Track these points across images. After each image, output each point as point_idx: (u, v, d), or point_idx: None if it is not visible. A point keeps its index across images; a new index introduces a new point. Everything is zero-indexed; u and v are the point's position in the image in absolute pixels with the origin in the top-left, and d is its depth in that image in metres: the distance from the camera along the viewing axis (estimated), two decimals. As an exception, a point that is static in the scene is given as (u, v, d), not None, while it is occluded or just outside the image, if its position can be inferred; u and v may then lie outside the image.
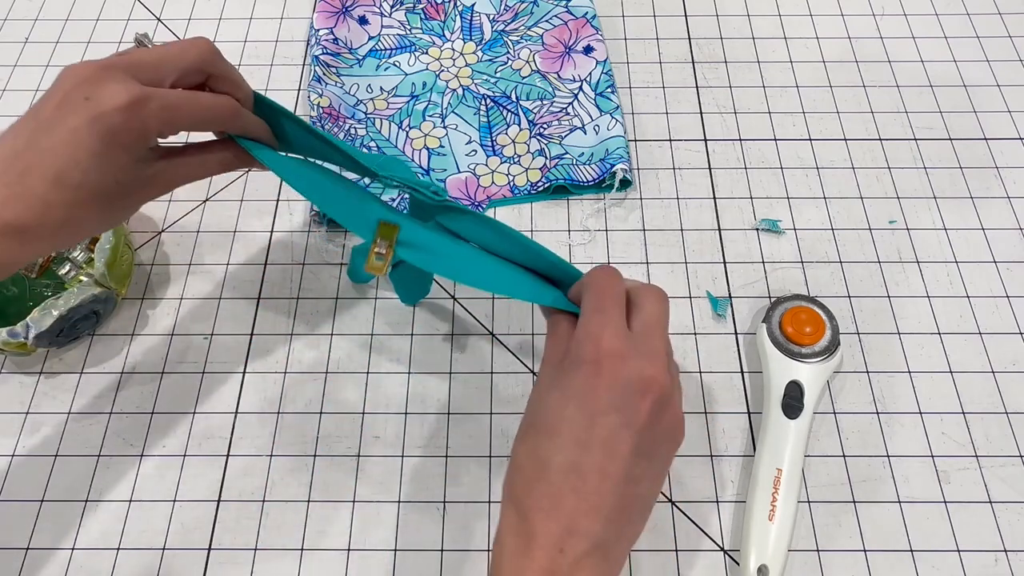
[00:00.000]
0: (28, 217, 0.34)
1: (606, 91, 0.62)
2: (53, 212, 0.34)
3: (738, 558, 0.45)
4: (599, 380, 0.31)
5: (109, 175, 0.35)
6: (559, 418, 0.31)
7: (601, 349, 0.32)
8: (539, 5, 0.68)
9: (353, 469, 0.49)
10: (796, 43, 0.67)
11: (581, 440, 0.30)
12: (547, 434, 0.32)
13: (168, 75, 0.37)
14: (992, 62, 0.66)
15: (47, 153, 0.34)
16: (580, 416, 0.31)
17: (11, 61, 0.67)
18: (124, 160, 0.36)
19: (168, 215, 0.59)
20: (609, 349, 0.32)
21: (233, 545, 0.46)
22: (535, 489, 0.31)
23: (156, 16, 0.70)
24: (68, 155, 0.34)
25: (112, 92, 0.34)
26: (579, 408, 0.31)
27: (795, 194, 0.59)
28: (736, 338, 0.53)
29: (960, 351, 0.52)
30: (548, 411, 0.32)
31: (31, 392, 0.51)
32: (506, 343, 0.53)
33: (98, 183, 0.35)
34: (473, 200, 0.59)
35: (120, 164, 0.35)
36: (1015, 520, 0.47)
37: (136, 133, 0.35)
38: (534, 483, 0.31)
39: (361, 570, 0.46)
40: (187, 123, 0.38)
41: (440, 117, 0.63)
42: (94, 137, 0.34)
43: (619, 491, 0.31)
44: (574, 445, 0.30)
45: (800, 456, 0.46)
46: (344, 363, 0.52)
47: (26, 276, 0.55)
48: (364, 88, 0.64)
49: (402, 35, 0.67)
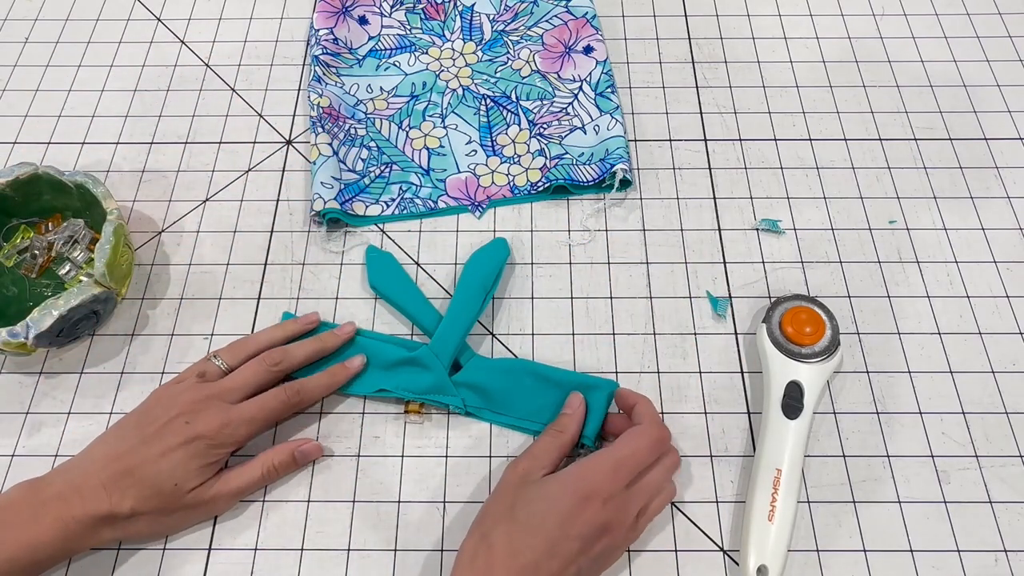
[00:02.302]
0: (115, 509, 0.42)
1: (606, 91, 0.62)
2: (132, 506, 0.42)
3: (738, 558, 0.45)
4: (581, 515, 0.40)
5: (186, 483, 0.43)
6: (540, 524, 0.40)
7: (597, 493, 0.41)
8: (539, 5, 0.68)
9: (353, 469, 0.49)
10: (796, 43, 0.67)
11: (549, 551, 0.39)
12: (527, 531, 0.40)
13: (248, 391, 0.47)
14: (992, 62, 0.66)
15: (148, 461, 0.43)
16: (557, 532, 0.40)
17: (11, 61, 0.67)
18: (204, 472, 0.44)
19: (168, 215, 0.59)
20: (603, 494, 0.41)
21: (233, 545, 0.46)
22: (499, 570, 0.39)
23: (156, 16, 0.70)
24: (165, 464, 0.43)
25: (206, 418, 0.44)
26: (559, 527, 0.40)
27: (795, 194, 0.59)
28: (736, 338, 0.53)
29: (960, 351, 0.52)
30: (533, 515, 0.41)
31: (31, 392, 0.51)
32: (506, 343, 0.53)
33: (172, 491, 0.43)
34: (473, 200, 0.59)
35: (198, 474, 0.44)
36: (1015, 520, 0.47)
37: (222, 446, 0.45)
38: (500, 564, 0.39)
39: (361, 570, 0.46)
40: (262, 427, 0.47)
41: (440, 117, 0.63)
42: (189, 452, 0.43)
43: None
44: (545, 551, 0.39)
45: (800, 456, 0.46)
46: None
47: (26, 276, 0.55)
48: (364, 88, 0.64)
49: (402, 35, 0.67)
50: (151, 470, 0.42)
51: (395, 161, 0.60)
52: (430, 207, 0.58)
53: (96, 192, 0.53)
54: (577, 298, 0.55)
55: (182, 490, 0.43)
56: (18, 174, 0.53)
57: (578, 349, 0.53)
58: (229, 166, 0.61)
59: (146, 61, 0.67)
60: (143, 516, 0.43)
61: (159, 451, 0.43)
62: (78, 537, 0.42)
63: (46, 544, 0.41)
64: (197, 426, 0.44)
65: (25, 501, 0.42)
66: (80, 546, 0.43)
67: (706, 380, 0.52)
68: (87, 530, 0.42)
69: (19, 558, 0.40)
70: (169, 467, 0.43)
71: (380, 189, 0.59)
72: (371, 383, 0.50)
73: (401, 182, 0.59)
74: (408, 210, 0.58)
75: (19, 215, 0.56)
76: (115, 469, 0.42)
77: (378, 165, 0.60)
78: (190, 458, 0.43)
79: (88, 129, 0.63)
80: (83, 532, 0.42)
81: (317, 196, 0.56)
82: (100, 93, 0.65)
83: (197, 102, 0.64)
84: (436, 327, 0.51)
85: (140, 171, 0.61)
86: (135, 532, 0.44)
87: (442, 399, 0.49)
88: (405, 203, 0.58)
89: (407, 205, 0.58)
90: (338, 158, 0.59)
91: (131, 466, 0.42)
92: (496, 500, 0.43)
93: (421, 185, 0.59)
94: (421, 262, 0.56)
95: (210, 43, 0.68)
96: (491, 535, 0.41)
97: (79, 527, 0.41)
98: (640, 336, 0.53)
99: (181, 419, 0.44)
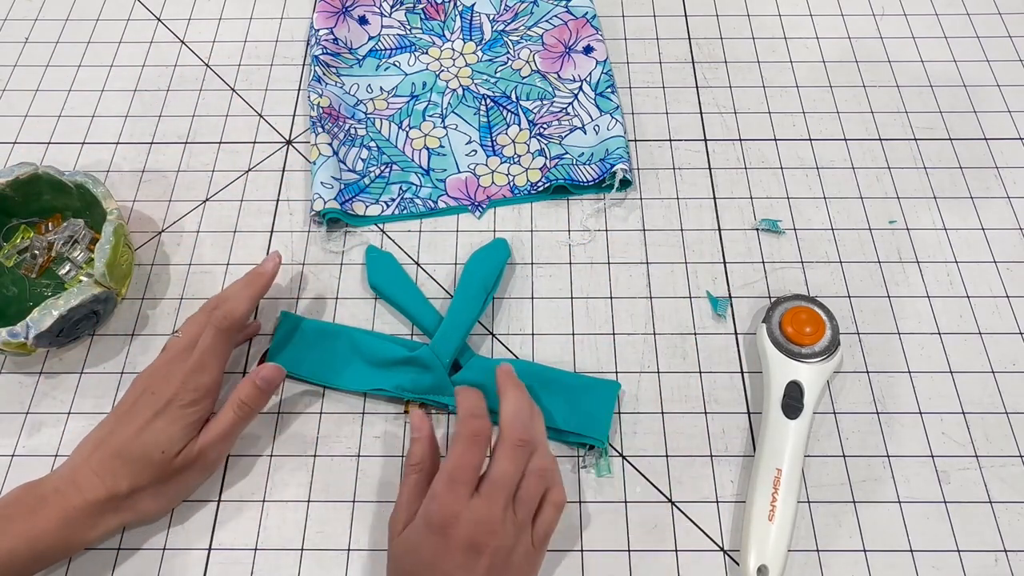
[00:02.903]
0: (113, 491, 0.42)
1: (606, 91, 0.62)
2: (129, 484, 0.43)
3: (738, 558, 0.45)
4: (441, 546, 0.38)
5: (172, 447, 0.44)
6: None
7: (443, 514, 0.39)
8: (539, 5, 0.68)
9: (353, 469, 0.49)
10: (796, 43, 0.67)
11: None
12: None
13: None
14: (992, 62, 0.66)
15: (129, 439, 0.43)
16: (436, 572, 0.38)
17: (11, 61, 0.67)
18: (187, 432, 0.44)
19: (168, 215, 0.59)
20: (447, 515, 0.39)
21: (233, 545, 0.46)
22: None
23: (156, 16, 0.70)
24: (147, 436, 0.43)
25: (168, 383, 0.45)
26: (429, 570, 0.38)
27: (795, 194, 0.59)
28: (736, 338, 0.53)
29: (960, 351, 0.52)
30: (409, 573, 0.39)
31: (31, 392, 0.51)
32: (506, 343, 0.53)
33: (162, 459, 0.43)
34: (473, 200, 0.59)
35: (182, 436, 0.44)
36: (1015, 520, 0.47)
37: (193, 403, 0.45)
38: None
39: (361, 570, 0.46)
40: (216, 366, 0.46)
41: (440, 117, 0.63)
42: (165, 419, 0.44)
43: None
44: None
45: (800, 456, 0.46)
46: (344, 363, 0.52)
47: (26, 276, 0.55)
48: (364, 88, 0.64)
49: (402, 35, 0.67)
50: (135, 446, 0.43)
51: (395, 161, 0.60)
52: (430, 207, 0.58)
53: (96, 192, 0.53)
54: (577, 298, 0.55)
55: (170, 455, 0.43)
56: (18, 174, 0.53)
57: (578, 349, 0.53)
58: (229, 166, 0.61)
59: (146, 61, 0.67)
60: (143, 491, 0.43)
61: (137, 427, 0.43)
62: (80, 527, 0.42)
63: (47, 535, 0.41)
64: (163, 393, 0.44)
65: (24, 498, 0.42)
66: (83, 537, 0.42)
67: (706, 380, 0.52)
68: (89, 519, 0.42)
69: (19, 550, 0.40)
70: (152, 438, 0.43)
71: (380, 189, 0.59)
72: (369, 380, 0.50)
73: (401, 182, 0.59)
74: (408, 210, 0.58)
75: (19, 215, 0.56)
76: (102, 455, 0.43)
77: (378, 165, 0.60)
78: (168, 424, 0.44)
79: (88, 129, 0.63)
80: (85, 521, 0.42)
81: (317, 196, 0.56)
82: (100, 93, 0.65)
83: (197, 102, 0.64)
84: (436, 327, 0.51)
85: (140, 171, 0.61)
86: (142, 511, 0.44)
87: (442, 399, 0.49)
88: (405, 203, 0.58)
89: (407, 205, 0.58)
90: (338, 158, 0.59)
91: (116, 448, 0.43)
92: (388, 570, 0.42)
93: (421, 185, 0.59)
94: (421, 262, 0.56)
95: (210, 43, 0.68)
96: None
97: (80, 515, 0.42)
98: (640, 336, 0.53)
99: (147, 392, 0.45)
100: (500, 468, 0.40)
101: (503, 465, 0.40)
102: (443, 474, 0.40)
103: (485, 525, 0.39)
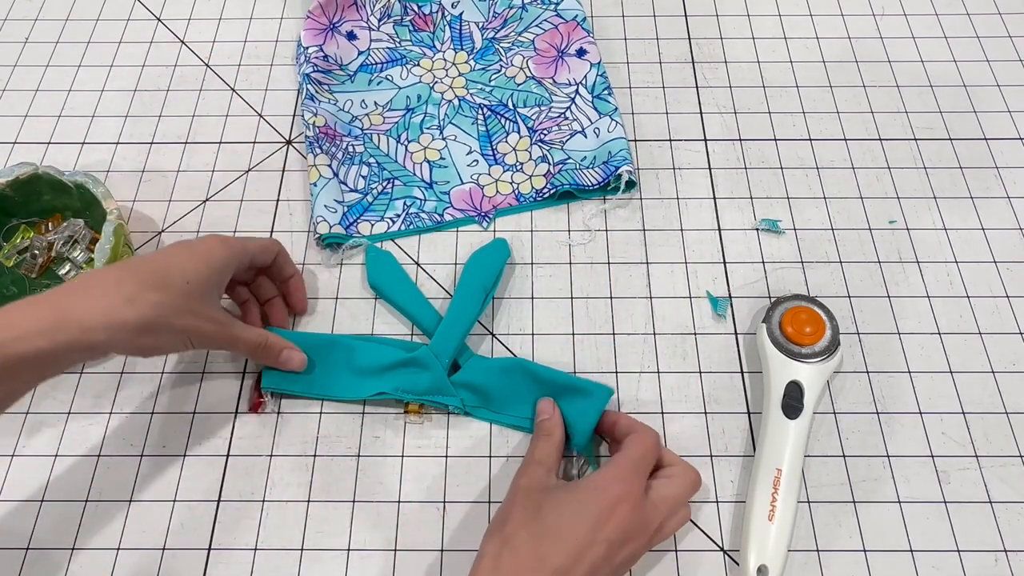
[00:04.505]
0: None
1: (603, 93, 0.62)
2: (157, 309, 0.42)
3: (738, 558, 0.45)
4: (611, 518, 0.40)
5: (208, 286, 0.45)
6: (570, 531, 0.40)
7: (626, 496, 0.41)
8: (528, 10, 0.67)
9: (353, 469, 0.49)
10: (796, 43, 0.67)
11: (577, 556, 0.39)
12: (555, 537, 0.40)
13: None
14: (992, 62, 0.66)
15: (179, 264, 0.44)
16: (587, 537, 0.40)
17: (11, 61, 0.67)
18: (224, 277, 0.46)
19: (168, 215, 0.59)
20: (631, 498, 0.41)
21: (233, 545, 0.46)
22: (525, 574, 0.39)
23: (156, 16, 0.70)
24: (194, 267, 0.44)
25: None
26: (590, 531, 0.40)
27: (795, 194, 0.59)
28: (736, 338, 0.53)
29: (960, 351, 0.52)
30: (562, 519, 0.40)
31: (31, 392, 0.51)
32: (506, 343, 0.53)
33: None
34: (479, 211, 0.58)
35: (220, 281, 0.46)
36: (1015, 520, 0.47)
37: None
38: (526, 567, 0.39)
39: (361, 570, 0.46)
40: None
41: (438, 129, 0.62)
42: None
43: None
44: (573, 555, 0.39)
45: (800, 456, 0.46)
46: (344, 363, 0.52)
47: (26, 276, 0.55)
48: (358, 104, 0.63)
49: (392, 48, 0.66)
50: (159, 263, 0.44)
51: (397, 176, 0.60)
52: (436, 221, 0.58)
53: (96, 192, 0.53)
54: (577, 298, 0.55)
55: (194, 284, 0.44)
56: (18, 174, 0.53)
57: (578, 349, 0.53)
58: (229, 166, 0.61)
59: (146, 61, 0.67)
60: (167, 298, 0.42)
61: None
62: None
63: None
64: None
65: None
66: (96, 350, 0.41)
67: (706, 380, 0.52)
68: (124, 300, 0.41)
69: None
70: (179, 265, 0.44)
71: (384, 206, 0.58)
72: (369, 386, 0.50)
73: (405, 197, 0.59)
74: (415, 225, 0.57)
75: (19, 215, 0.56)
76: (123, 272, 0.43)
77: (380, 181, 0.59)
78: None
79: (88, 129, 0.63)
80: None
81: (321, 219, 0.55)
82: (100, 93, 0.65)
83: (197, 102, 0.64)
84: (436, 327, 0.51)
85: (140, 171, 0.61)
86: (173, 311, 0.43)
87: (441, 399, 0.49)
88: (411, 218, 0.58)
89: (413, 220, 0.57)
90: (339, 179, 0.58)
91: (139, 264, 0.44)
92: (515, 505, 0.42)
93: (425, 199, 0.59)
94: (421, 262, 0.56)
95: (210, 43, 0.68)
96: (514, 539, 0.40)
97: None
98: (640, 336, 0.53)
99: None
100: (674, 490, 0.43)
101: (651, 448, 0.44)
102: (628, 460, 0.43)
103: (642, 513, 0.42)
